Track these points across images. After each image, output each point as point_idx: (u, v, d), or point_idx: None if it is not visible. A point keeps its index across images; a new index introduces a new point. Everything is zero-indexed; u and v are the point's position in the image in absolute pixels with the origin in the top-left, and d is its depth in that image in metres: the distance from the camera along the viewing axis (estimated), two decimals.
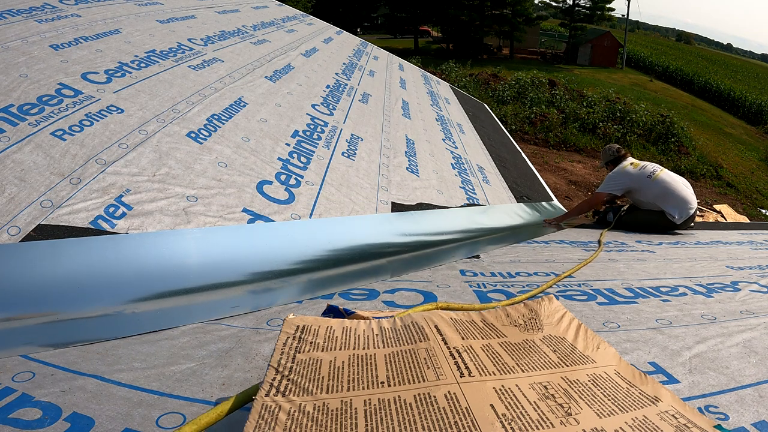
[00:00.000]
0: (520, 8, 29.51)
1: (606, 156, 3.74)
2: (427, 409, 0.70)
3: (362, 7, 36.36)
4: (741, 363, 1.08)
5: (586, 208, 3.68)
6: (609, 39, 31.25)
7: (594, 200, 3.60)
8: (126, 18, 3.25)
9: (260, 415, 0.68)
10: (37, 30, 2.55)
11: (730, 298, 1.63)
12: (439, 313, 1.02)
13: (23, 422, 0.79)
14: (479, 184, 3.46)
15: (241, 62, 3.34)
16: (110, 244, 1.45)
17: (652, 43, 44.41)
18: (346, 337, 0.89)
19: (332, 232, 2.00)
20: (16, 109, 1.83)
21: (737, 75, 33.59)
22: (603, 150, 3.86)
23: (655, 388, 0.82)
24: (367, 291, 1.59)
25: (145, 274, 1.44)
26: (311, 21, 6.25)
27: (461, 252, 2.26)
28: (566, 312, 1.10)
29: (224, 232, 1.70)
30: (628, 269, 2.04)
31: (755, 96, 24.58)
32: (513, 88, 14.21)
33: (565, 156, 10.78)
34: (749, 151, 16.84)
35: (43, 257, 1.33)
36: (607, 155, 3.73)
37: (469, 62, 19.59)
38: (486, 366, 0.83)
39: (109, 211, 1.55)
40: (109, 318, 1.28)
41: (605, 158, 3.75)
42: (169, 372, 0.99)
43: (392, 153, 3.10)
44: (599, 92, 15.02)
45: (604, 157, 3.78)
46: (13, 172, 1.55)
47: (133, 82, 2.38)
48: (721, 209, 7.91)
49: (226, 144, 2.21)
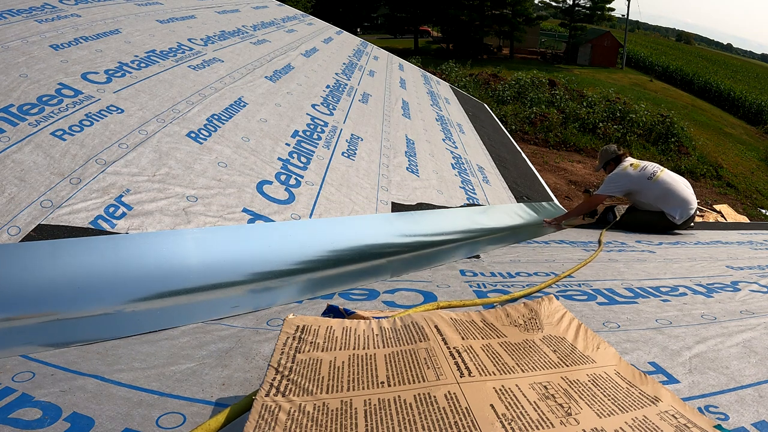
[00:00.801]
0: (520, 8, 29.53)
1: (605, 157, 3.65)
2: (427, 409, 0.70)
3: (362, 7, 36.36)
4: (741, 363, 1.08)
5: (585, 209, 3.66)
6: (609, 39, 31.25)
7: (594, 201, 3.58)
8: (126, 18, 3.25)
9: (260, 415, 0.68)
10: (37, 30, 2.55)
11: (730, 298, 1.63)
12: (439, 313, 1.02)
13: (23, 422, 0.79)
14: (479, 184, 3.46)
15: (241, 62, 3.34)
16: (110, 244, 1.45)
17: (652, 43, 44.42)
18: (346, 337, 0.89)
19: (332, 232, 2.00)
20: (16, 109, 1.83)
21: (737, 75, 33.59)
22: (601, 151, 3.73)
23: (655, 388, 0.82)
24: (367, 291, 1.59)
25: (145, 274, 1.44)
26: (311, 21, 6.25)
27: (461, 252, 2.26)
28: (566, 312, 1.10)
29: (224, 232, 1.70)
30: (628, 269, 2.04)
31: (755, 96, 24.58)
32: (513, 88, 14.21)
33: (565, 156, 10.78)
34: (749, 151, 16.84)
35: (43, 257, 1.33)
36: (605, 156, 3.64)
37: (469, 62, 19.60)
38: (486, 366, 0.83)
39: (109, 211, 1.55)
40: (109, 318, 1.28)
41: (603, 159, 3.66)
42: (169, 372, 0.99)
43: (392, 153, 3.10)
44: (599, 92, 15.03)
45: (602, 158, 3.68)
46: (13, 172, 1.55)
47: (133, 82, 2.38)
48: (721, 209, 7.91)
49: (226, 144, 2.21)
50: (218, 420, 0.74)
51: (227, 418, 0.74)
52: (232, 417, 0.75)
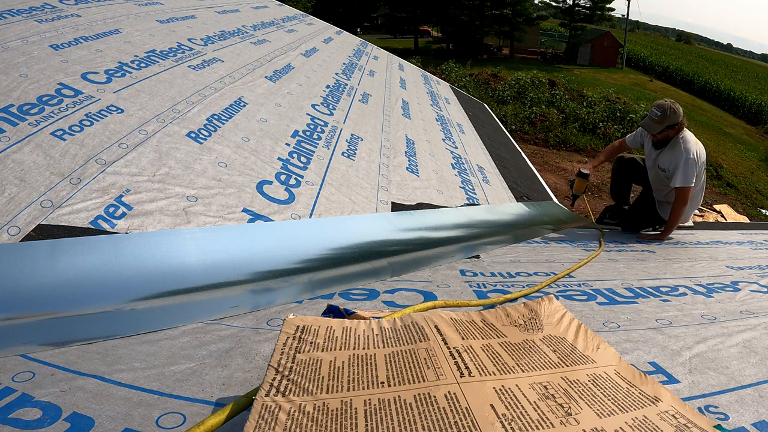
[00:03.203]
0: (520, 8, 29.53)
1: (673, 117, 2.69)
2: (427, 409, 0.70)
3: (362, 7, 36.37)
4: (741, 363, 1.08)
5: (683, 208, 2.91)
6: (609, 39, 31.25)
7: (687, 197, 2.85)
8: (126, 18, 3.25)
9: (260, 415, 0.68)
10: (37, 30, 2.55)
11: (730, 298, 1.63)
12: (439, 313, 1.02)
13: (23, 422, 0.79)
14: (479, 184, 3.46)
15: (241, 62, 3.34)
16: (110, 244, 1.45)
17: (652, 43, 44.41)
18: (346, 337, 0.89)
19: (332, 231, 2.00)
20: (16, 109, 1.83)
21: (737, 75, 33.59)
22: (666, 108, 2.69)
23: (655, 388, 0.83)
24: (367, 291, 1.59)
25: (145, 274, 1.44)
26: (311, 21, 6.25)
27: (461, 252, 2.26)
28: (566, 312, 1.10)
29: (224, 232, 1.70)
30: (628, 269, 2.04)
31: (755, 96, 24.58)
32: (513, 88, 14.22)
33: (565, 156, 10.78)
34: (749, 151, 16.85)
35: (43, 257, 1.32)
36: (675, 116, 2.69)
37: (469, 62, 19.60)
38: (486, 366, 0.83)
39: (109, 211, 1.55)
40: (109, 317, 1.28)
41: (673, 120, 2.69)
42: (169, 372, 0.99)
43: (392, 153, 3.10)
44: (599, 92, 15.03)
45: (671, 117, 2.68)
46: (13, 172, 1.55)
47: (133, 82, 2.38)
48: (721, 209, 7.91)
49: (226, 144, 2.21)
50: (218, 418, 0.74)
51: (227, 416, 0.74)
52: (231, 415, 0.75)
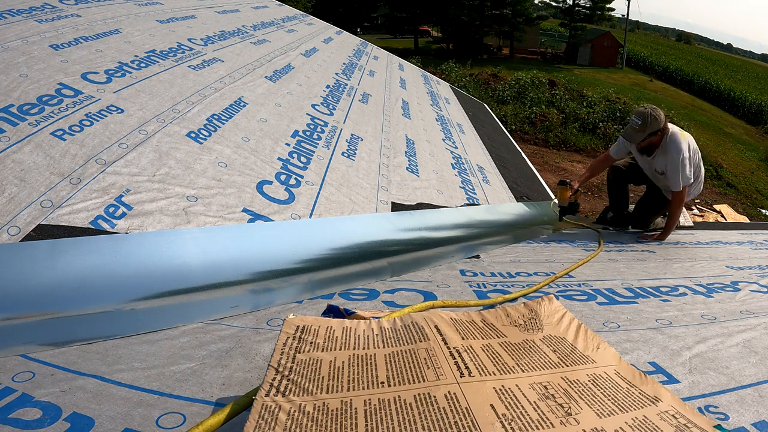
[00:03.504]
0: (520, 8, 29.54)
1: (654, 124, 2.64)
2: (427, 409, 0.70)
3: (362, 7, 36.36)
4: (741, 363, 1.08)
5: (680, 209, 2.97)
6: (609, 39, 31.26)
7: (684, 196, 2.86)
8: (126, 18, 3.25)
9: (260, 415, 0.68)
10: (37, 30, 2.54)
11: (730, 298, 1.63)
12: (439, 313, 1.02)
13: (23, 422, 0.79)
14: (479, 184, 3.46)
15: (241, 62, 3.34)
16: (110, 244, 1.45)
17: (652, 43, 44.41)
18: (346, 337, 0.89)
19: (332, 231, 2.00)
20: (16, 109, 1.83)
21: (737, 75, 33.59)
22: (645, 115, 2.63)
23: (655, 388, 0.83)
24: (367, 291, 1.59)
25: (145, 274, 1.44)
26: (311, 21, 6.25)
27: (461, 252, 2.26)
28: (566, 312, 1.10)
29: (224, 232, 1.70)
30: (628, 269, 2.04)
31: (755, 96, 24.59)
32: (513, 88, 14.23)
33: (565, 156, 10.79)
34: (749, 151, 16.85)
35: (43, 257, 1.32)
36: (656, 123, 2.65)
37: (469, 62, 19.61)
38: (486, 366, 0.83)
39: (109, 211, 1.55)
40: (109, 317, 1.28)
41: (653, 127, 2.65)
42: (169, 372, 0.99)
43: (392, 153, 3.10)
44: (599, 92, 15.03)
45: (651, 125, 2.63)
46: (13, 172, 1.55)
47: (133, 82, 2.38)
48: (721, 209, 7.92)
49: (226, 144, 2.21)
50: (217, 418, 0.74)
51: (227, 416, 0.74)
52: (231, 415, 0.75)
